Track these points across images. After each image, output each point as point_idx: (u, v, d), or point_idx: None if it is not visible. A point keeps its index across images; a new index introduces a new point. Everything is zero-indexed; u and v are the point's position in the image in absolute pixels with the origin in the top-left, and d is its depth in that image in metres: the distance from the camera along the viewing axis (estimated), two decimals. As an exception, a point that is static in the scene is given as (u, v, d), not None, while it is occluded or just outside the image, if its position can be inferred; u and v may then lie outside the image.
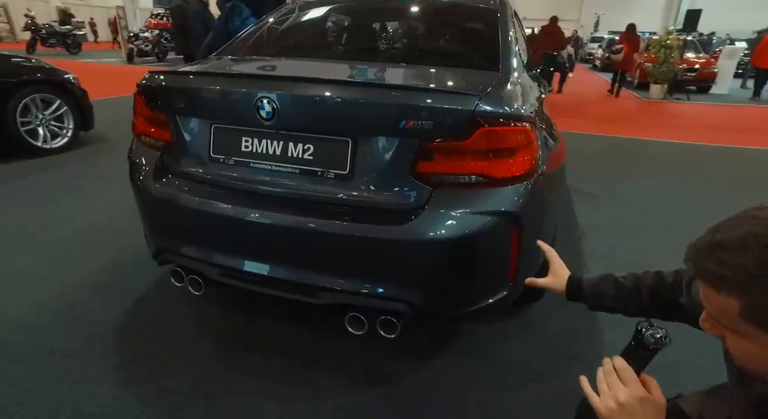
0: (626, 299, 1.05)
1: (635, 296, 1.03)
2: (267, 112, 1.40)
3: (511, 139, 1.39)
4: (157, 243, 1.74)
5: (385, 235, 1.37)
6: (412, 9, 2.32)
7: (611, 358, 0.78)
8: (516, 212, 1.41)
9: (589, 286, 1.10)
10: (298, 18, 2.35)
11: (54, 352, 1.75)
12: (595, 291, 1.09)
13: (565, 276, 1.14)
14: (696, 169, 4.83)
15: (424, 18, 2.32)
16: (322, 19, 2.37)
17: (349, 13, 2.40)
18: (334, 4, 2.42)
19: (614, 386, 0.72)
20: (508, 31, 1.95)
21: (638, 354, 0.78)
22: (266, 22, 2.28)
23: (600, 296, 1.09)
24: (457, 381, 1.69)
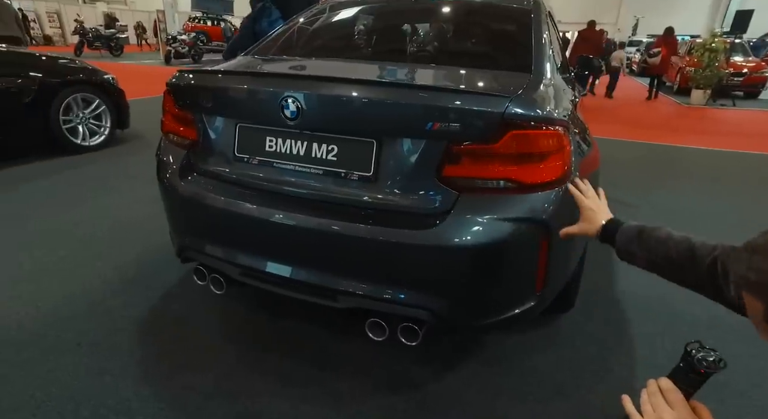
0: (658, 255, 0.99)
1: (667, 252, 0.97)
2: (291, 111, 1.38)
3: (543, 143, 1.33)
4: (181, 241, 1.75)
5: (408, 240, 1.33)
6: (444, 9, 2.27)
7: (656, 379, 0.72)
8: (545, 220, 1.35)
9: (625, 236, 1.05)
10: (327, 18, 2.34)
11: (81, 345, 1.79)
12: (628, 239, 1.04)
13: (598, 219, 1.13)
14: (739, 178, 4.58)
15: (455, 18, 2.27)
16: (352, 20, 2.36)
17: (378, 14, 2.37)
18: (363, 5, 2.41)
19: (659, 407, 0.68)
20: (542, 31, 1.88)
21: (688, 376, 0.72)
22: (295, 23, 2.28)
23: (630, 243, 1.04)
24: (482, 391, 1.63)
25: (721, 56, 9.46)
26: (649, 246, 1.00)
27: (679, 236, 0.97)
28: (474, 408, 1.56)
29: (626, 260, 1.07)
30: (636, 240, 1.03)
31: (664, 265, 0.97)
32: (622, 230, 1.06)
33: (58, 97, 4.13)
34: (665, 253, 0.96)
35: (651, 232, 1.01)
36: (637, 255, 1.03)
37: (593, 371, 1.75)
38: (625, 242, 1.05)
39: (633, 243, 1.03)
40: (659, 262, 0.98)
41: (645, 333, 1.98)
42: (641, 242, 1.02)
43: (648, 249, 1.00)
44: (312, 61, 1.99)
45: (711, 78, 9.53)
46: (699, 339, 0.76)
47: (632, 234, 1.05)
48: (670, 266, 0.96)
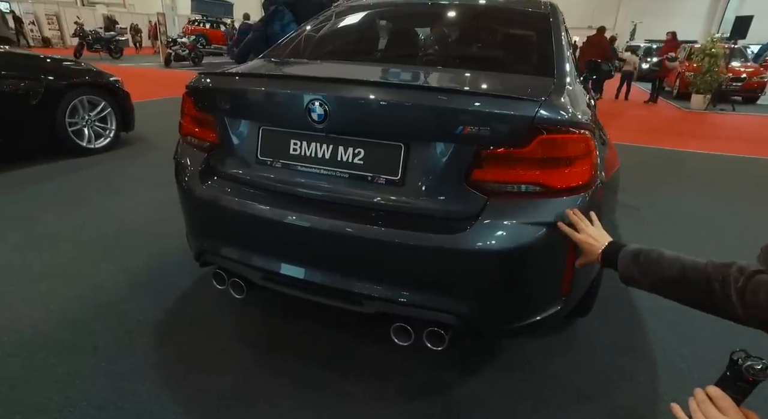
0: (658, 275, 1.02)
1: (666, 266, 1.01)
2: (318, 114, 1.37)
3: (571, 147, 1.33)
4: (200, 245, 1.73)
5: (437, 244, 1.32)
6: (463, 13, 2.28)
7: (703, 388, 0.72)
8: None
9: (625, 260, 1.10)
10: (345, 21, 2.34)
11: (97, 349, 1.77)
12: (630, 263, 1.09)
13: (597, 247, 1.20)
14: (739, 182, 4.60)
15: (474, 22, 2.27)
16: (370, 23, 2.36)
17: (396, 17, 2.37)
18: (380, 8, 2.41)
19: (711, 414, 0.69)
20: (561, 36, 1.88)
21: (735, 385, 0.72)
22: (311, 26, 2.28)
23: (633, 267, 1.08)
24: (505, 395, 1.62)
25: (720, 61, 9.53)
26: (646, 270, 1.05)
27: (671, 256, 1.02)
28: (497, 413, 1.55)
29: (630, 285, 1.12)
30: (633, 265, 1.08)
31: (662, 287, 1.02)
32: (621, 257, 1.12)
33: (64, 100, 4.11)
34: (661, 275, 1.01)
35: (646, 255, 1.06)
36: (638, 280, 1.08)
37: (614, 376, 1.74)
38: (625, 268, 1.10)
39: (632, 268, 1.08)
40: (658, 284, 1.03)
41: (661, 338, 1.98)
42: (639, 266, 1.07)
43: (645, 273, 1.05)
44: (334, 65, 1.98)
45: (711, 83, 9.59)
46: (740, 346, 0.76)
47: (629, 259, 1.10)
48: (667, 288, 1.01)
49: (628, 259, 1.10)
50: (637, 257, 1.08)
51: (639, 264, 1.06)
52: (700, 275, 0.93)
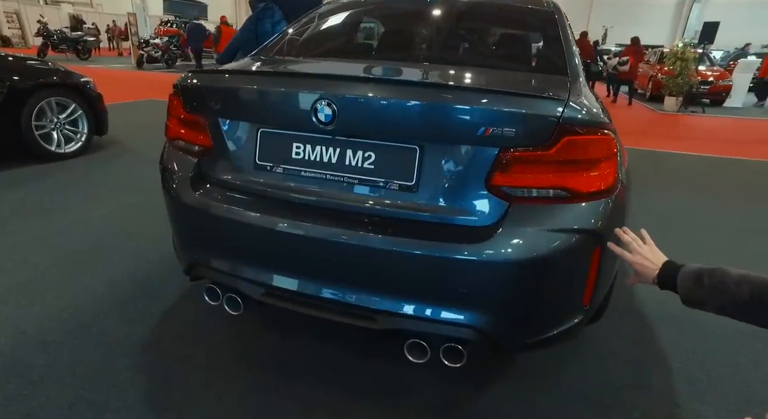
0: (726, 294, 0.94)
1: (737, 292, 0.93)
2: (326, 115, 1.26)
3: (597, 149, 1.26)
4: (191, 257, 1.59)
5: (457, 254, 1.22)
6: (467, 10, 2.19)
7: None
8: (599, 230, 1.27)
9: (686, 279, 1.01)
10: (343, 18, 2.23)
11: (75, 375, 1.60)
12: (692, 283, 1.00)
13: (652, 268, 1.09)
14: (716, 181, 4.69)
15: (481, 20, 2.19)
16: (371, 19, 2.25)
17: (400, 14, 2.27)
18: (384, 4, 2.30)
19: None
20: (568, 33, 1.83)
21: None
22: (306, 23, 2.16)
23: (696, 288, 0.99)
24: (517, 411, 1.53)
25: (691, 65, 9.80)
26: (712, 293, 0.97)
27: (738, 275, 0.94)
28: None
29: (693, 308, 1.03)
30: (696, 287, 1.00)
31: (733, 310, 0.95)
32: (681, 279, 1.03)
33: (30, 101, 3.85)
34: (731, 298, 0.94)
35: (710, 276, 0.98)
36: (704, 302, 1.00)
37: (621, 385, 1.67)
38: (688, 292, 1.02)
39: (695, 291, 1.00)
40: (728, 307, 0.95)
41: (674, 343, 1.93)
42: (702, 288, 0.99)
43: (711, 296, 0.98)
44: (338, 63, 1.87)
45: (682, 86, 9.86)
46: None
47: (691, 281, 1.02)
48: (739, 310, 0.94)
49: (689, 281, 1.02)
50: (699, 279, 0.99)
51: (702, 287, 0.98)
52: None
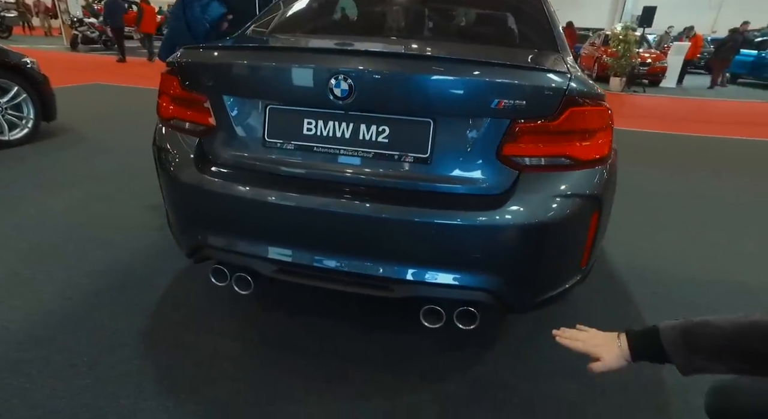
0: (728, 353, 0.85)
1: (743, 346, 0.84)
2: (342, 90, 1.27)
3: (596, 119, 1.35)
4: (196, 239, 1.56)
5: (471, 222, 1.29)
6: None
7: None
8: (599, 194, 1.38)
9: (673, 344, 0.89)
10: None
11: (76, 366, 1.54)
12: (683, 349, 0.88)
13: (613, 345, 0.98)
14: (667, 155, 5.06)
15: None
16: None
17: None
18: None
19: None
20: (553, 12, 1.91)
21: None
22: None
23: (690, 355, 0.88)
24: (512, 375, 1.61)
25: (633, 47, 10.36)
26: (716, 352, 0.87)
27: (728, 322, 0.86)
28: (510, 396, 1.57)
29: (696, 374, 0.91)
30: (690, 352, 0.88)
31: (747, 367, 0.85)
32: (670, 347, 0.90)
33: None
34: (746, 352, 0.84)
35: (699, 336, 0.88)
36: (709, 368, 0.88)
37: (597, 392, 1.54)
38: (687, 362, 0.89)
39: (693, 358, 0.88)
40: (742, 367, 0.86)
41: (647, 306, 2.11)
42: (698, 352, 0.88)
43: (716, 356, 0.87)
44: (346, 38, 1.84)
45: (625, 67, 10.42)
46: None
47: (681, 347, 0.89)
48: (759, 363, 0.83)
49: (681, 350, 0.89)
50: (688, 341, 0.88)
51: (699, 350, 0.88)
52: None
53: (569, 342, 1.04)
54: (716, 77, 12.72)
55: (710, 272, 2.39)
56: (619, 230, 2.57)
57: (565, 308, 1.90)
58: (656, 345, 0.93)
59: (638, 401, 1.52)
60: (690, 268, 2.43)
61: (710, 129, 6.73)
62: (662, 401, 1.53)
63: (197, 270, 2.09)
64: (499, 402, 1.49)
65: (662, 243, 2.73)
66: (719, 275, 2.37)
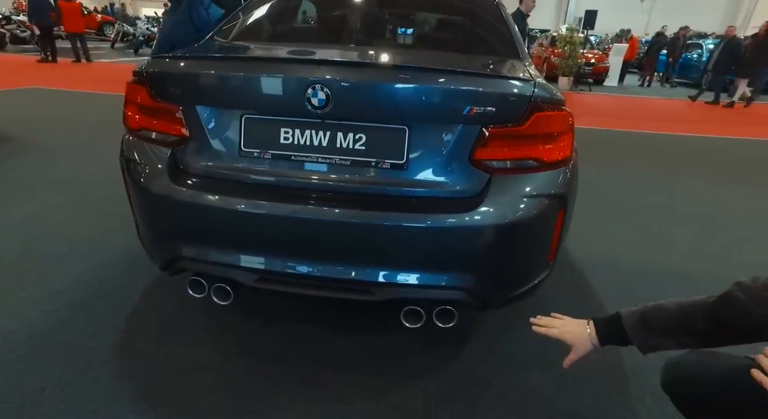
0: (680, 331, 1.01)
1: (690, 325, 1.00)
2: (319, 100, 1.29)
3: (559, 123, 1.44)
4: (170, 251, 1.54)
5: (447, 224, 1.35)
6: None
7: None
8: (563, 193, 1.47)
9: (633, 328, 1.05)
10: (299, 2, 2.20)
11: (45, 390, 1.47)
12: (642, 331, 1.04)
13: (583, 330, 1.12)
14: (617, 150, 5.39)
15: (436, 7, 2.30)
16: (333, 4, 2.25)
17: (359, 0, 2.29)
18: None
19: None
20: (511, 19, 2.01)
21: None
22: (262, 4, 2.10)
23: (648, 335, 1.04)
24: (488, 372, 1.68)
25: (578, 48, 10.91)
26: (669, 331, 1.02)
27: (676, 304, 1.01)
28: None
29: (654, 351, 1.07)
30: (646, 332, 1.04)
31: (694, 341, 1.02)
32: (630, 329, 1.06)
33: None
34: (694, 329, 0.99)
35: (654, 318, 1.04)
36: (664, 345, 1.04)
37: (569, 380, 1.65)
38: (644, 342, 1.05)
39: (650, 337, 1.04)
40: (692, 342, 1.02)
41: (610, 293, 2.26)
42: (654, 332, 1.03)
43: (669, 334, 1.02)
44: (319, 48, 1.85)
45: (572, 66, 10.96)
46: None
47: (641, 329, 1.05)
48: (705, 337, 1.00)
49: (640, 331, 1.05)
50: (646, 323, 1.04)
51: (654, 331, 1.03)
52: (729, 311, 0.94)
53: (545, 329, 1.19)
54: (647, 76, 13.67)
55: (656, 262, 2.58)
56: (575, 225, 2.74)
57: (532, 302, 2.01)
58: (620, 329, 1.09)
59: (604, 386, 1.64)
60: (639, 258, 2.61)
61: (650, 125, 7.20)
62: (625, 382, 1.66)
63: (168, 282, 2.05)
64: (476, 396, 1.57)
65: (614, 236, 2.92)
66: (664, 264, 2.56)
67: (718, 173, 4.61)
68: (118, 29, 16.29)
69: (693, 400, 1.14)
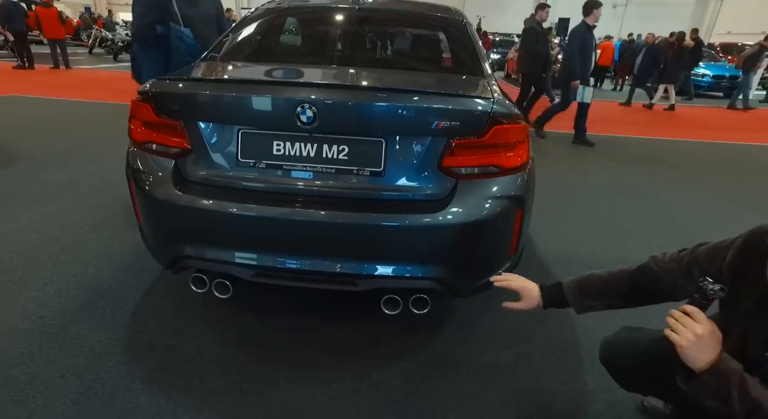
0: (607, 294, 1.28)
1: (614, 288, 1.27)
2: (308, 117, 1.50)
3: (516, 134, 1.66)
4: (175, 251, 1.71)
5: (420, 222, 1.56)
6: (393, 19, 2.51)
7: (679, 308, 1.01)
8: (521, 195, 1.70)
9: (571, 292, 1.32)
10: (291, 23, 2.41)
11: (64, 377, 1.64)
12: (578, 294, 1.31)
13: (534, 291, 1.37)
14: (593, 155, 5.71)
15: (409, 29, 2.53)
16: (318, 26, 2.46)
17: (339, 20, 2.48)
18: (325, 12, 2.51)
19: (690, 324, 0.95)
20: (477, 39, 2.25)
21: (701, 303, 0.99)
22: (254, 26, 2.30)
23: (582, 297, 1.31)
24: (463, 351, 1.94)
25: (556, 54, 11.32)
26: (599, 296, 1.29)
27: (607, 276, 1.29)
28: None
29: (587, 312, 1.34)
30: (582, 296, 1.30)
31: (619, 303, 1.29)
32: (569, 294, 1.32)
33: None
34: (613, 295, 1.27)
35: (586, 283, 1.31)
36: (594, 307, 1.32)
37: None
38: (579, 304, 1.31)
39: (585, 301, 1.31)
40: (614, 303, 1.30)
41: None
42: (588, 296, 1.30)
43: (598, 299, 1.29)
44: (307, 69, 2.05)
45: (547, 72, 11.37)
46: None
47: (577, 294, 1.31)
48: (624, 302, 1.28)
49: (576, 295, 1.30)
50: (582, 288, 1.30)
51: (588, 295, 1.29)
52: (643, 278, 1.22)
53: (506, 282, 1.43)
54: (619, 80, 14.22)
55: (611, 253, 2.85)
56: (541, 223, 3.00)
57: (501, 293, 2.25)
58: (560, 294, 1.35)
59: (561, 361, 1.88)
60: (595, 250, 2.88)
61: (617, 129, 7.56)
62: (578, 359, 1.90)
63: (166, 283, 2.23)
64: (450, 373, 1.78)
65: (576, 231, 3.18)
66: (621, 255, 2.83)
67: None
68: (96, 35, 16.17)
69: (624, 370, 1.38)
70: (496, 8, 26.57)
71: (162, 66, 2.85)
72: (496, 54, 17.30)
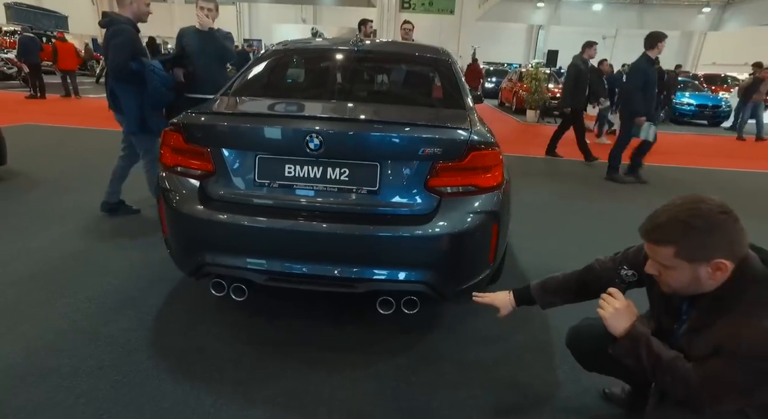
0: (562, 291, 1.61)
1: (568, 286, 1.60)
2: (315, 144, 1.80)
3: (491, 159, 1.97)
4: (199, 260, 1.98)
5: (409, 234, 1.85)
6: (390, 60, 2.90)
7: (608, 291, 1.33)
8: (497, 210, 1.98)
9: (535, 291, 1.64)
10: (294, 63, 2.77)
11: (102, 368, 1.89)
12: (541, 292, 1.63)
13: (506, 297, 1.67)
14: (572, 180, 6.04)
15: (403, 68, 2.91)
16: (320, 64, 2.84)
17: (340, 59, 2.83)
18: (325, 51, 2.89)
19: (611, 301, 1.28)
20: (461, 75, 2.59)
21: (620, 286, 1.34)
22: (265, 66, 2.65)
23: (545, 295, 1.63)
24: (451, 348, 2.18)
25: (543, 84, 11.85)
26: (556, 293, 1.61)
27: (562, 275, 1.62)
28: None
29: (548, 308, 1.67)
30: (545, 294, 1.62)
31: (573, 298, 1.60)
32: (534, 293, 1.63)
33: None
34: (567, 290, 1.59)
35: (548, 283, 1.63)
36: (554, 302, 1.64)
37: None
38: (543, 300, 1.63)
39: (546, 297, 1.62)
40: (569, 298, 1.61)
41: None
42: (549, 293, 1.61)
43: (557, 296, 1.61)
44: (314, 104, 2.38)
45: (538, 101, 11.86)
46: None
47: (541, 292, 1.62)
48: (575, 296, 1.59)
49: (540, 293, 1.61)
50: (544, 287, 1.61)
51: (548, 292, 1.60)
52: (588, 276, 1.53)
53: (482, 299, 1.74)
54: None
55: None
56: (522, 239, 3.29)
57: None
58: (528, 294, 1.66)
59: (536, 358, 2.13)
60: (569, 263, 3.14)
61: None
62: (549, 354, 2.14)
63: (182, 293, 2.50)
64: (437, 367, 2.03)
65: (554, 247, 3.46)
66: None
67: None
68: (104, 65, 16.81)
69: (584, 350, 1.64)
70: (489, 39, 27.66)
71: (139, 97, 3.19)
72: (489, 83, 18.01)
